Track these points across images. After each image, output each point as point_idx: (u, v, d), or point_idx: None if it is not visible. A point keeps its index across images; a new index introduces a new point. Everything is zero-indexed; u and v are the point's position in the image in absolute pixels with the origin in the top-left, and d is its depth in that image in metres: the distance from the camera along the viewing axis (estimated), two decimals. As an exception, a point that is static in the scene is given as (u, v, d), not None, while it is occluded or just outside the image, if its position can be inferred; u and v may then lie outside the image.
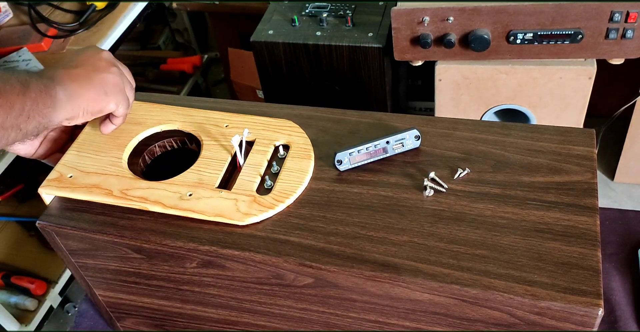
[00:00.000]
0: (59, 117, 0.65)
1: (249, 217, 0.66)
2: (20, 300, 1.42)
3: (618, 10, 1.11)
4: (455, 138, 0.73)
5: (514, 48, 1.20)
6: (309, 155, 0.72)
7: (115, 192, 0.70)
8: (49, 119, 0.63)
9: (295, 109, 0.80)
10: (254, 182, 0.69)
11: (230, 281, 0.70)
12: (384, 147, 0.71)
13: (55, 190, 0.71)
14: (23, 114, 0.59)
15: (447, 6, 1.17)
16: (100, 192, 0.70)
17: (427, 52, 1.25)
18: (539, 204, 0.65)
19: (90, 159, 0.73)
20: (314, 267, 0.62)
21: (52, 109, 0.63)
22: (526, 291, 0.57)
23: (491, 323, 0.61)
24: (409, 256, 0.61)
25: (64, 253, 0.75)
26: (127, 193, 0.69)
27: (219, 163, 0.72)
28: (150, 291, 0.78)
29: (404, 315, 0.65)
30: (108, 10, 1.46)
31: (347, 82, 1.42)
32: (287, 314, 0.72)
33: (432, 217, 0.65)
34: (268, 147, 0.73)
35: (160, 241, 0.67)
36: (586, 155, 0.69)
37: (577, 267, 0.58)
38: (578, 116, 1.31)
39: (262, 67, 1.47)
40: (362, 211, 0.66)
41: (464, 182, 0.68)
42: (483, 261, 0.60)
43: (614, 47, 1.17)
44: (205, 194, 0.68)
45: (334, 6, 1.45)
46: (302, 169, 0.70)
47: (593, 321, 0.56)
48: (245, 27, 1.74)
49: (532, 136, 0.72)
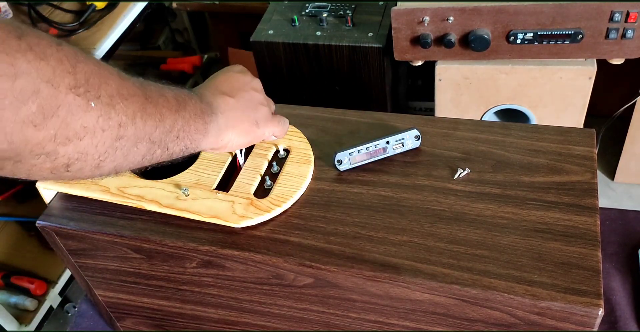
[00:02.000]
0: (206, 145, 0.61)
1: (244, 219, 0.66)
2: (20, 300, 1.42)
3: (618, 10, 1.11)
4: (455, 138, 0.73)
5: (514, 48, 1.20)
6: (308, 160, 0.72)
7: (112, 189, 0.69)
8: (197, 145, 0.59)
9: (295, 108, 0.80)
10: (252, 185, 0.69)
11: (230, 281, 0.70)
12: (384, 147, 0.71)
13: (53, 185, 0.71)
14: (172, 133, 0.54)
15: (447, 6, 1.17)
16: (97, 188, 0.70)
17: (427, 52, 1.25)
18: (539, 204, 0.65)
19: None
20: (314, 267, 0.62)
21: (202, 136, 0.59)
22: (526, 291, 0.57)
23: (491, 323, 0.61)
24: (409, 256, 0.61)
25: (64, 253, 0.75)
26: (125, 191, 0.69)
27: (218, 164, 0.72)
28: (150, 291, 0.78)
29: (404, 315, 0.65)
30: (108, 10, 1.46)
31: (347, 82, 1.42)
32: (287, 314, 0.72)
33: (432, 217, 0.65)
34: (268, 150, 0.73)
35: (160, 241, 0.67)
36: (586, 155, 0.69)
37: (578, 267, 0.58)
38: (578, 116, 1.31)
39: (262, 67, 1.47)
40: (362, 211, 0.66)
41: (464, 182, 0.68)
42: (483, 261, 0.60)
43: (614, 47, 1.17)
44: (202, 195, 0.68)
45: (334, 6, 1.45)
46: (301, 174, 0.70)
47: (593, 321, 0.56)
48: (245, 27, 1.74)
49: (532, 136, 0.72)
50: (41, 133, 0.41)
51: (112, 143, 0.47)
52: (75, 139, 0.43)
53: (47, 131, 0.41)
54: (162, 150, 0.54)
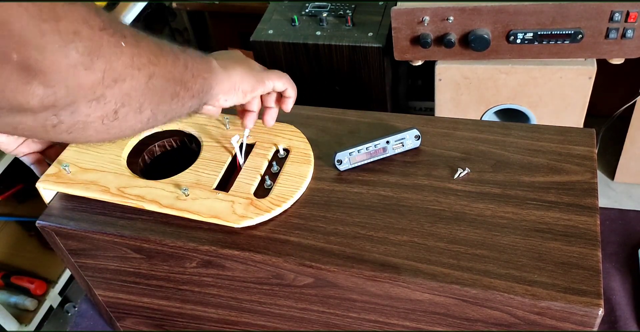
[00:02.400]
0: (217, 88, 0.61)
1: (244, 219, 0.66)
2: (20, 300, 1.42)
3: (618, 10, 1.11)
4: (455, 138, 0.73)
5: (514, 48, 1.20)
6: (308, 160, 0.72)
7: (112, 189, 0.69)
8: (210, 84, 0.59)
9: (295, 108, 0.80)
10: (251, 185, 0.69)
11: (230, 281, 0.70)
12: (384, 147, 0.71)
13: (53, 185, 0.71)
14: (187, 70, 0.55)
15: (447, 6, 1.17)
16: (97, 188, 0.70)
17: (427, 52, 1.25)
18: (539, 204, 0.65)
19: (89, 155, 0.73)
20: (314, 267, 0.62)
21: (211, 75, 0.59)
22: (526, 290, 0.57)
23: (491, 323, 0.61)
24: (409, 255, 0.61)
25: (64, 253, 0.75)
26: (124, 191, 0.69)
27: (218, 164, 0.72)
28: (150, 291, 0.78)
29: (404, 315, 0.65)
30: (108, 10, 1.46)
31: (347, 82, 1.42)
32: (287, 314, 0.72)
33: (432, 217, 0.65)
34: (268, 150, 0.73)
35: (160, 240, 0.67)
36: (586, 155, 0.69)
37: (577, 267, 0.58)
38: (578, 116, 1.31)
39: (262, 67, 1.47)
40: (362, 210, 0.66)
41: (464, 182, 0.68)
42: (483, 260, 0.60)
43: (614, 46, 1.17)
44: (202, 195, 0.68)
45: (334, 6, 1.45)
46: (301, 174, 0.70)
47: (593, 320, 0.56)
48: (245, 27, 1.74)
49: (532, 136, 0.72)
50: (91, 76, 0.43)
51: (147, 83, 0.49)
52: (120, 80, 0.46)
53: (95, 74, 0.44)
54: (184, 91, 0.55)
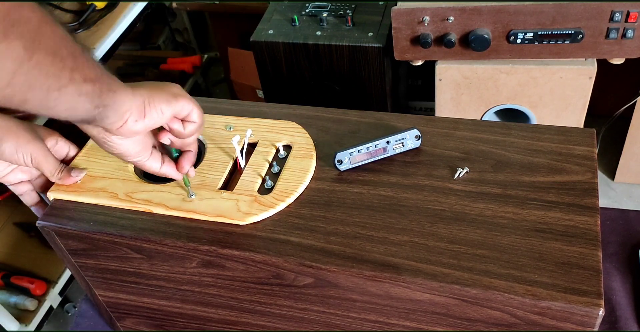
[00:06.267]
0: (121, 102, 0.55)
1: (249, 216, 0.66)
2: (20, 300, 1.42)
3: (618, 10, 1.11)
4: (455, 138, 0.73)
5: (514, 48, 1.20)
6: (311, 154, 0.72)
7: (120, 195, 0.70)
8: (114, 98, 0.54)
9: (295, 108, 0.80)
10: (255, 183, 0.70)
11: (230, 281, 0.70)
12: (384, 147, 0.71)
13: (63, 194, 0.72)
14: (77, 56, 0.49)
15: (447, 6, 1.17)
16: (106, 195, 0.71)
17: (427, 52, 1.25)
18: (539, 204, 0.64)
19: (98, 163, 0.74)
20: (314, 267, 0.62)
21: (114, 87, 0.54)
22: (527, 290, 0.57)
23: (491, 323, 0.61)
24: (409, 255, 0.61)
25: (64, 253, 0.75)
26: (132, 196, 0.70)
27: (222, 165, 0.72)
28: (150, 291, 0.78)
29: (405, 315, 0.65)
30: (108, 10, 1.46)
31: (347, 82, 1.42)
32: (287, 314, 0.72)
33: (432, 217, 0.65)
34: (270, 148, 0.73)
35: (160, 240, 0.67)
36: (586, 155, 0.69)
37: (578, 267, 0.58)
38: (578, 116, 1.31)
39: (262, 67, 1.47)
40: (362, 210, 0.66)
41: (464, 182, 0.68)
42: (483, 260, 0.60)
43: (614, 46, 1.17)
44: (207, 196, 0.69)
45: (334, 6, 1.45)
46: (304, 168, 0.70)
47: (593, 321, 0.56)
48: (245, 27, 1.74)
49: (532, 136, 0.72)
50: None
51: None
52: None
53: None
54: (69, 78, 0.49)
